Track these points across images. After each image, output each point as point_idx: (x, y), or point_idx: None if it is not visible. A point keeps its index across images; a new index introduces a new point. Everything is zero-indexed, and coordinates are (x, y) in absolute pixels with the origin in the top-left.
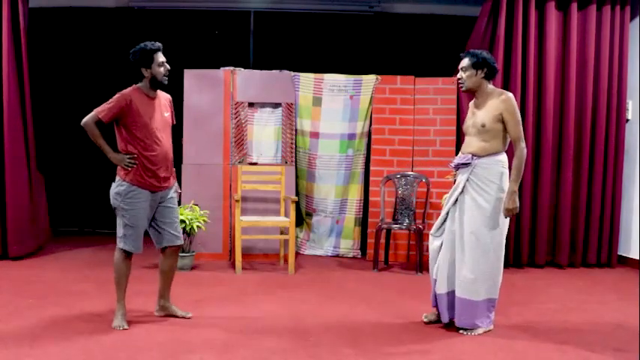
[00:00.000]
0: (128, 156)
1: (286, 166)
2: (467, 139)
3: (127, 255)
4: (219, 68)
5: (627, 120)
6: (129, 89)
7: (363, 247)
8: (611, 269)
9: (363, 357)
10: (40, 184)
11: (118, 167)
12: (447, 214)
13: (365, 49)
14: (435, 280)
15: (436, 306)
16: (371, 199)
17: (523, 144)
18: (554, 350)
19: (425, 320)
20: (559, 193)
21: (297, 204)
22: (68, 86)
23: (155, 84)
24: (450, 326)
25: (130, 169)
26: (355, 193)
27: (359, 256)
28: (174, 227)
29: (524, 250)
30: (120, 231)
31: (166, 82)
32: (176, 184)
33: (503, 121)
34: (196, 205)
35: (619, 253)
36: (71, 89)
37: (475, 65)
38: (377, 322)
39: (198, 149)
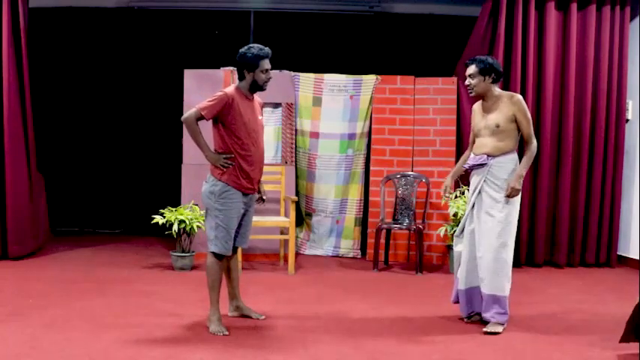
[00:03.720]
0: (224, 156)
1: (286, 166)
2: (479, 140)
3: (219, 258)
4: (219, 68)
5: (627, 120)
6: (230, 88)
7: (363, 247)
8: (611, 269)
9: (363, 357)
10: (40, 184)
11: (212, 166)
12: (467, 216)
13: (365, 49)
14: (458, 280)
15: (457, 302)
16: (371, 199)
17: (535, 141)
18: (554, 350)
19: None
20: (558, 192)
21: (297, 204)
22: (68, 86)
23: (254, 88)
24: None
25: (225, 169)
26: (355, 193)
27: (359, 256)
28: (248, 230)
29: (522, 249)
30: (211, 233)
31: (265, 89)
32: (263, 189)
33: (515, 122)
34: (196, 205)
35: (618, 253)
36: (71, 89)
37: (482, 72)
38: (377, 322)
39: (198, 149)
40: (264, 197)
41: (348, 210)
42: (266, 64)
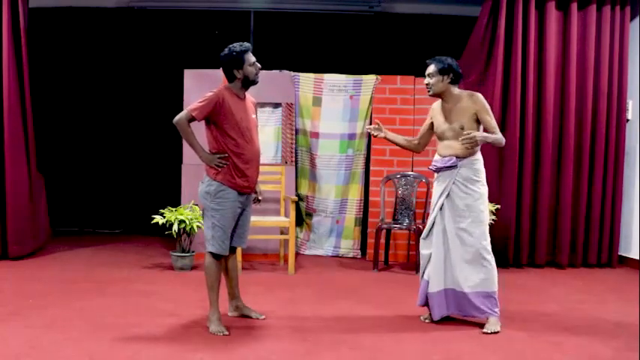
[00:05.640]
0: (219, 155)
1: (286, 166)
2: (445, 142)
3: (217, 257)
4: (219, 68)
5: (627, 120)
6: (220, 88)
7: (363, 247)
8: (612, 269)
9: (363, 357)
10: (40, 184)
11: (207, 167)
12: (435, 217)
13: (365, 49)
14: (427, 282)
15: (425, 305)
16: (371, 199)
17: (500, 133)
18: (554, 350)
19: (426, 321)
20: (559, 193)
21: (297, 204)
22: (68, 86)
23: (247, 83)
24: (443, 321)
25: (220, 169)
26: (355, 193)
27: (359, 256)
28: (246, 230)
29: (524, 250)
30: (208, 233)
31: (258, 81)
32: (260, 189)
33: (477, 120)
34: (196, 205)
35: (619, 253)
36: (71, 89)
37: (441, 71)
38: (377, 322)
39: None
40: (259, 197)
41: (348, 210)
42: (251, 57)
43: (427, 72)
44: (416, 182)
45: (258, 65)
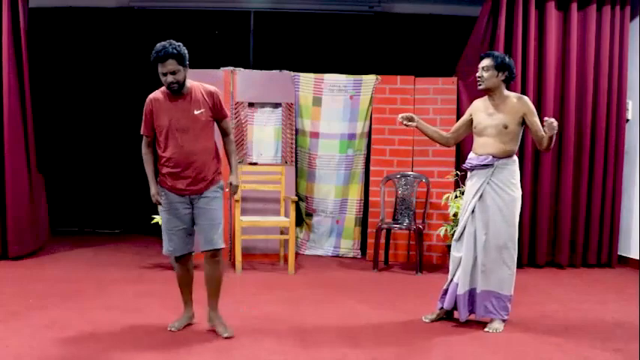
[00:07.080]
0: (156, 197)
1: (286, 166)
2: (482, 139)
3: (176, 259)
4: (219, 68)
5: (627, 120)
6: (153, 93)
7: (363, 247)
8: (612, 269)
9: (363, 357)
10: (40, 184)
11: None
12: (467, 220)
13: (365, 49)
14: (457, 284)
15: (443, 308)
16: (371, 199)
17: None
18: (555, 350)
19: (426, 321)
20: (559, 192)
21: (297, 204)
22: (68, 86)
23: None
24: (443, 321)
25: (158, 205)
26: (355, 193)
27: (359, 256)
28: (209, 232)
29: (524, 250)
30: None
31: (174, 89)
32: (232, 180)
33: (522, 123)
34: None
35: (619, 253)
36: (71, 89)
37: (497, 67)
38: (377, 322)
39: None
40: (226, 189)
41: (348, 210)
42: (161, 67)
43: (481, 65)
44: (416, 182)
45: (168, 79)
